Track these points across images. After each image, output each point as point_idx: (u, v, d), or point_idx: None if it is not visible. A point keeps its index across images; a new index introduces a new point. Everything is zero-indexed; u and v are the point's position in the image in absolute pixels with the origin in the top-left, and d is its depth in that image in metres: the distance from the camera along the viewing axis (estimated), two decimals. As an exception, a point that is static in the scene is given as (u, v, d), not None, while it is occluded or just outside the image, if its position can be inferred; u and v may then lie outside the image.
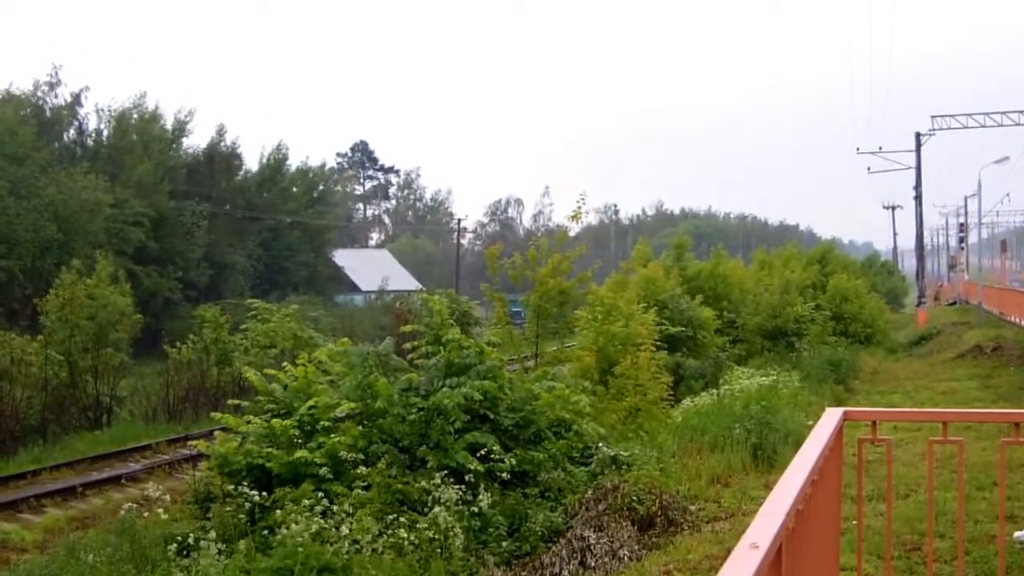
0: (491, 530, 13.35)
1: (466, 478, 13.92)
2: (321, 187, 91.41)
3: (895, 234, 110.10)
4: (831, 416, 6.03)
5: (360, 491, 13.32)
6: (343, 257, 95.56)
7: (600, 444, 16.34)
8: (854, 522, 8.26)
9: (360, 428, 14.80)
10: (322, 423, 14.60)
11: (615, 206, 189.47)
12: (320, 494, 13.11)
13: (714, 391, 24.69)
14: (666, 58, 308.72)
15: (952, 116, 60.21)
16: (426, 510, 12.96)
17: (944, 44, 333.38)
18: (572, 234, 27.35)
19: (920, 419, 11.75)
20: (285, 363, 17.61)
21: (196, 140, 74.46)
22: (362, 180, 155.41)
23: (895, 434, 15.82)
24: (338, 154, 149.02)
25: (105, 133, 68.96)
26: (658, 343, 25.37)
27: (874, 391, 28.03)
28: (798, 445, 15.45)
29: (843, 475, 6.81)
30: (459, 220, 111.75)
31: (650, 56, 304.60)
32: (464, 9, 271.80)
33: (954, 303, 68.79)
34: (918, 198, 62.58)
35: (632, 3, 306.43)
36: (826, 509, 5.56)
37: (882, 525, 10.19)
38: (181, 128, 72.06)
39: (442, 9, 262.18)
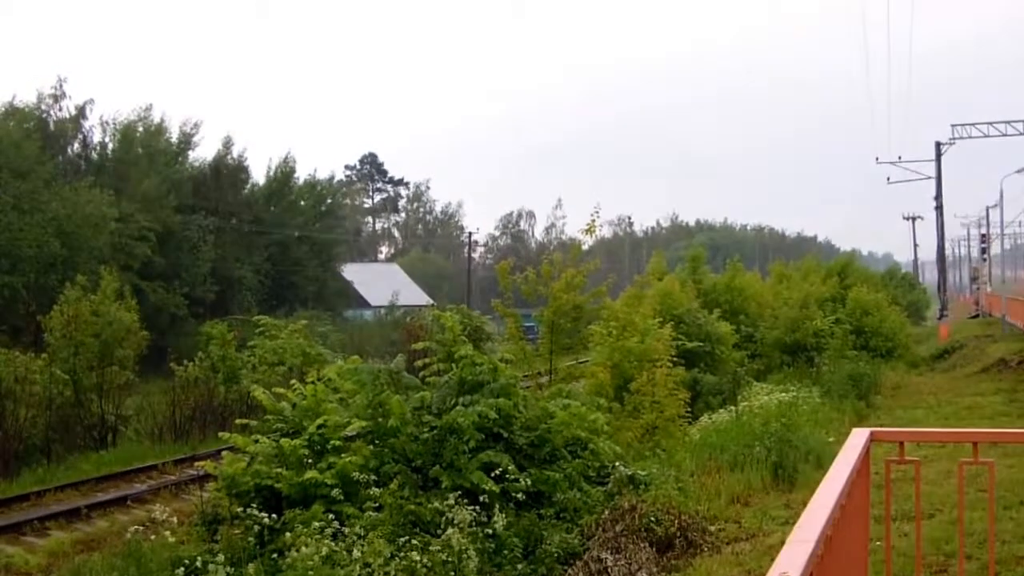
0: (506, 552, 13.14)
1: (480, 499, 13.78)
2: (329, 200, 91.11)
3: (915, 245, 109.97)
4: (857, 437, 5.96)
5: (372, 513, 13.20)
6: (352, 272, 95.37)
7: (617, 463, 16.05)
8: (878, 543, 8.01)
9: (371, 448, 14.64)
10: (332, 442, 14.39)
11: (629, 218, 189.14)
12: (331, 516, 12.97)
13: (732, 408, 24.37)
14: (681, 69, 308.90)
15: (973, 125, 59.99)
16: (439, 532, 12.77)
17: (966, 49, 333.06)
18: (585, 247, 27.00)
19: (949, 440, 11.55)
20: (294, 381, 17.34)
21: (202, 153, 74.31)
22: (371, 193, 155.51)
23: (919, 451, 15.39)
24: (346, 167, 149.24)
25: (110, 146, 68.70)
26: (674, 359, 25.05)
27: (896, 406, 27.66)
28: (819, 463, 15.15)
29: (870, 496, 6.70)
30: (470, 233, 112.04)
31: (665, 67, 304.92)
32: (471, 20, 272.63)
33: (976, 316, 68.35)
34: (938, 209, 62.34)
35: (643, 10, 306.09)
36: (854, 533, 5.52)
37: (907, 546, 9.87)
38: (187, 141, 71.92)
39: (450, 21, 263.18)
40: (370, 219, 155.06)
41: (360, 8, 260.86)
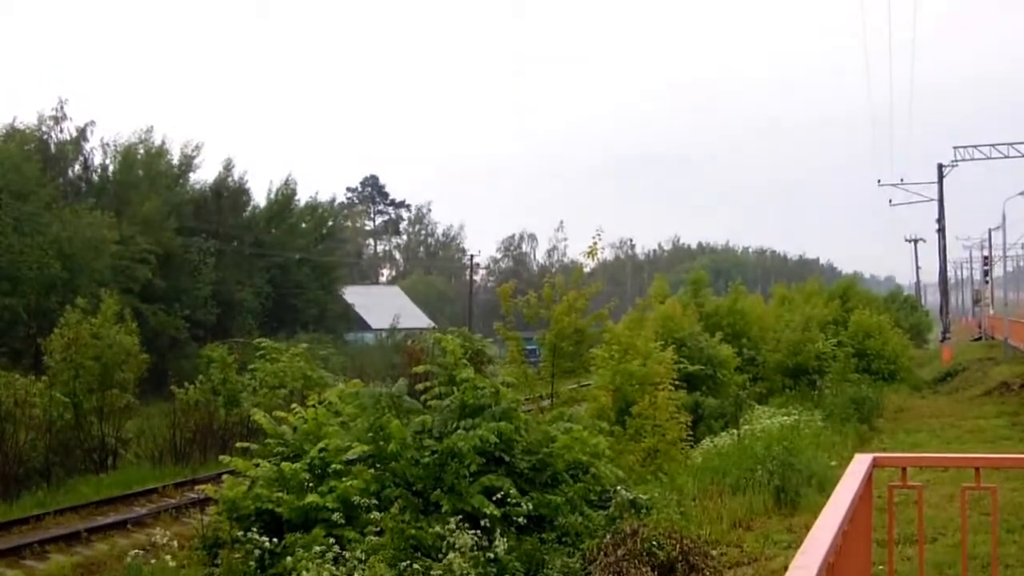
0: (507, 576, 12.95)
1: (481, 523, 13.68)
2: (331, 223, 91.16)
3: (918, 268, 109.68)
4: (860, 463, 5.98)
5: (373, 537, 13.09)
6: (353, 294, 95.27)
7: (618, 487, 15.97)
8: (881, 567, 7.96)
9: (372, 471, 14.54)
10: (333, 466, 14.31)
11: (631, 241, 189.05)
12: (331, 540, 12.88)
13: (734, 431, 24.37)
14: (682, 91, 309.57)
15: (975, 147, 60.01)
16: (440, 556, 12.69)
17: (968, 71, 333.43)
18: (587, 270, 27.02)
19: (951, 465, 11.51)
20: (294, 404, 17.29)
21: (203, 175, 74.03)
22: (372, 215, 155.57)
23: (922, 475, 15.35)
24: (348, 189, 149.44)
25: (111, 168, 68.64)
26: (676, 382, 25.01)
27: (899, 430, 27.63)
28: (822, 487, 15.09)
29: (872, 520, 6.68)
30: (471, 256, 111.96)
31: (665, 90, 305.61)
32: (474, 44, 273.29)
33: (979, 338, 68.25)
34: (941, 231, 62.35)
35: (646, 34, 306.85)
36: (856, 558, 5.53)
37: (910, 571, 9.81)
38: (188, 163, 71.89)
39: (453, 44, 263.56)
40: (371, 241, 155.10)
41: (362, 31, 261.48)
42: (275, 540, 13.15)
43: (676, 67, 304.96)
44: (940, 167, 60.95)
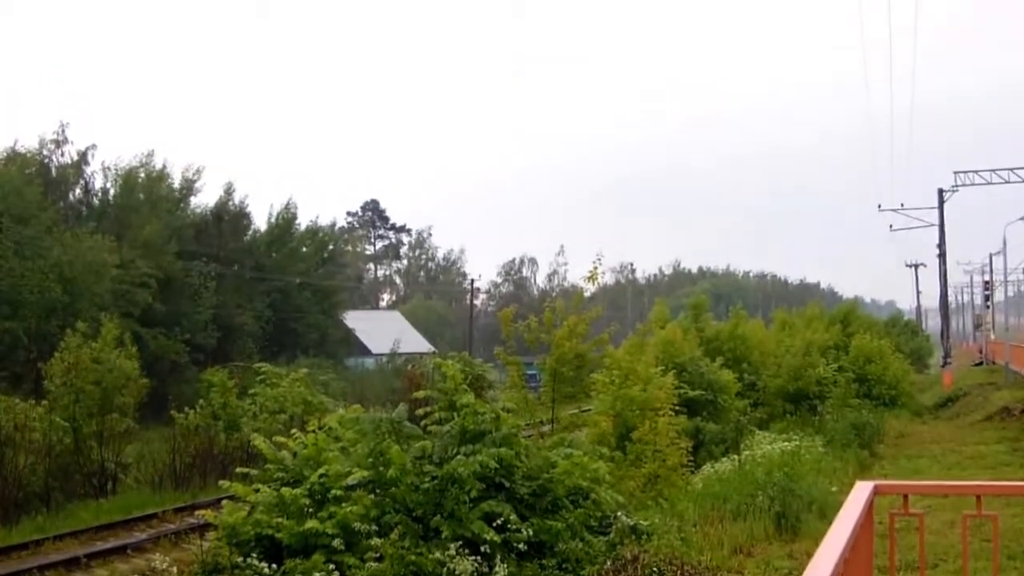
0: (508, 603, 12.90)
1: (482, 549, 13.67)
2: (331, 247, 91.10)
3: (918, 293, 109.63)
4: (861, 491, 6.00)
5: (373, 563, 13.12)
6: (354, 319, 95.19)
7: (619, 513, 15.94)
8: None
9: (372, 497, 14.51)
10: (333, 492, 14.29)
11: (631, 265, 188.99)
12: (331, 566, 12.93)
13: (735, 456, 24.32)
14: (682, 114, 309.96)
15: (975, 172, 60.04)
16: (441, 583, 12.53)
17: (969, 97, 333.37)
18: (588, 295, 27.04)
19: (952, 492, 11.51)
20: (295, 429, 17.27)
21: (204, 199, 73.99)
22: (373, 240, 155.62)
23: (923, 501, 15.33)
24: (348, 213, 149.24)
25: (112, 192, 68.53)
26: (677, 407, 24.99)
27: (900, 455, 27.61)
28: (823, 513, 15.07)
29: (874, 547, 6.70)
30: (472, 280, 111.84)
31: (666, 113, 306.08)
32: (475, 67, 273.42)
33: (980, 363, 68.19)
34: (941, 256, 62.40)
35: (646, 59, 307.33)
36: None
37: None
38: (189, 187, 71.84)
39: (453, 68, 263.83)
40: (372, 266, 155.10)
41: (363, 56, 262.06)
42: (275, 566, 13.12)
43: (677, 92, 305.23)
44: (940, 192, 61.09)
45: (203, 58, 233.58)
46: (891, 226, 68.72)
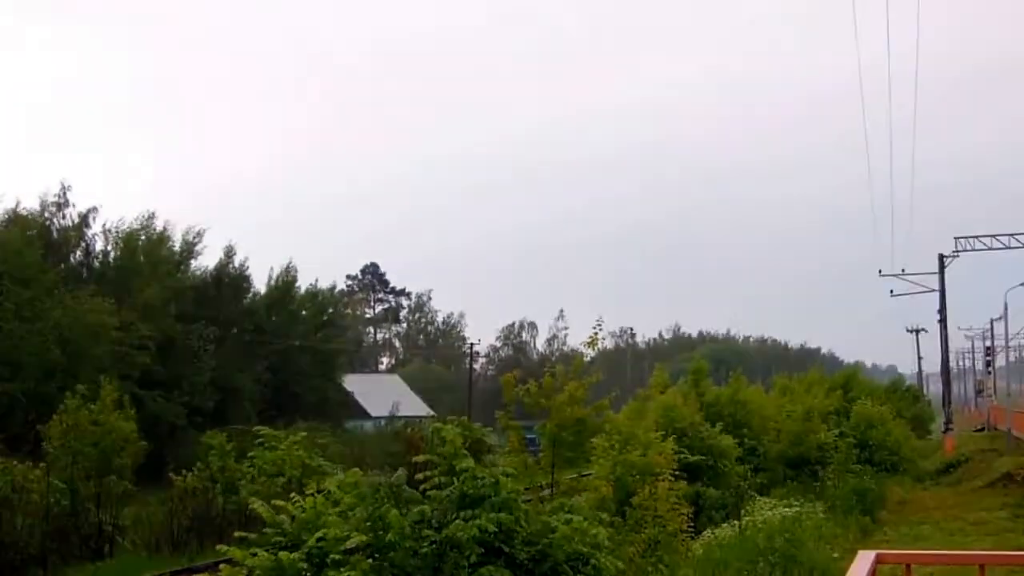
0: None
1: (481, 615, 13.34)
2: (331, 310, 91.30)
3: (919, 358, 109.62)
4: (863, 560, 5.95)
5: (371, 629, 12.77)
6: (353, 382, 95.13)
7: (620, 579, 15.75)
8: None
9: (371, 561, 14.35)
10: (331, 556, 14.13)
11: (631, 330, 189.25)
12: (329, 632, 12.57)
13: (736, 522, 24.14)
14: (680, 179, 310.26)
15: (976, 237, 60.25)
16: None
17: (968, 162, 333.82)
18: (588, 359, 26.97)
19: (955, 562, 11.39)
20: (293, 493, 17.15)
21: (204, 261, 74.20)
22: (372, 303, 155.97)
23: (926, 570, 15.22)
24: (348, 276, 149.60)
25: (112, 255, 68.97)
26: (677, 472, 24.84)
27: (902, 522, 27.46)
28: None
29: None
30: (471, 344, 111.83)
31: (664, 177, 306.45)
32: (476, 128, 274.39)
33: (982, 429, 67.98)
34: (943, 321, 62.40)
35: (648, 121, 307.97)
36: None
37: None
38: (189, 250, 72.16)
39: (452, 133, 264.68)
40: (371, 329, 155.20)
41: (363, 118, 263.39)
42: (272, 632, 12.96)
43: (674, 152, 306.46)
44: (941, 257, 61.20)
45: (204, 121, 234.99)
46: (892, 291, 68.83)
